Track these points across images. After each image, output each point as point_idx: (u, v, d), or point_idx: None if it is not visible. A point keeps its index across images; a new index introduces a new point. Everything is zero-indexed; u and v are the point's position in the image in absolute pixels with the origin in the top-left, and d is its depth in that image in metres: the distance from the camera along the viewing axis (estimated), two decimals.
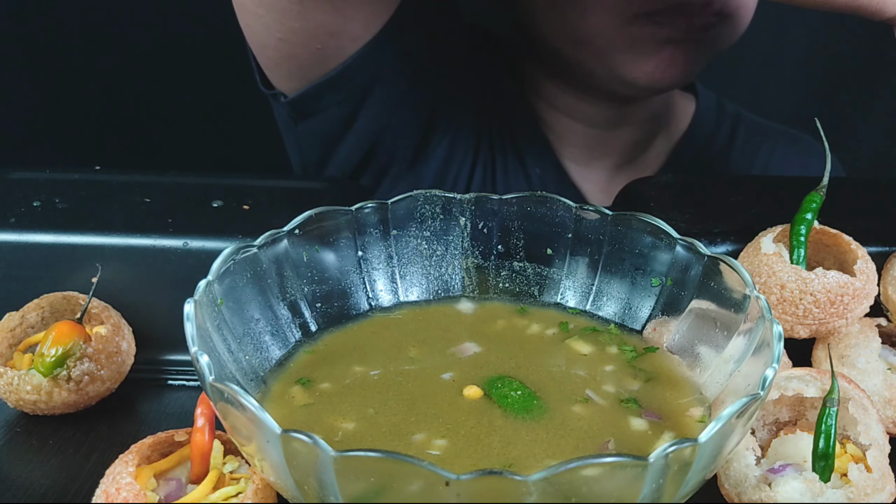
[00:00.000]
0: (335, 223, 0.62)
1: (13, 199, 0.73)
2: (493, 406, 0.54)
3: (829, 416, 0.51)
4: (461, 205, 0.65)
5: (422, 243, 0.65)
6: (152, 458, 0.53)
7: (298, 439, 0.41)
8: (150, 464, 0.53)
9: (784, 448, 0.54)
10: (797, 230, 0.64)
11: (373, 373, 0.57)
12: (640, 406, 0.54)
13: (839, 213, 0.68)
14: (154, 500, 0.50)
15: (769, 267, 0.62)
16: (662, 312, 0.61)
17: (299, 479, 0.44)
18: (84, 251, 0.68)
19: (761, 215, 0.68)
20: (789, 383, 0.56)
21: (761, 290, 0.62)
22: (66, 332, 0.62)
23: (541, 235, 0.65)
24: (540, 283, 0.65)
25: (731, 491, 0.53)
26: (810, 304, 0.61)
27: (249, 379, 0.55)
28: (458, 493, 0.40)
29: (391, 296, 0.64)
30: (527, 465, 0.49)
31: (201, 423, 0.51)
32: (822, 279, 0.60)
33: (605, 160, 1.08)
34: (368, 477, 0.42)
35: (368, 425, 0.52)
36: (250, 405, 0.43)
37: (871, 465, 0.52)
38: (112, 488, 0.49)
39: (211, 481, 0.51)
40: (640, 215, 0.62)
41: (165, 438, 0.54)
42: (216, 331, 0.53)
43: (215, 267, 0.54)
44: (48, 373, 0.61)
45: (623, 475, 0.42)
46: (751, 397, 0.45)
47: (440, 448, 0.50)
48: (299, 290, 0.60)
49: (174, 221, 0.70)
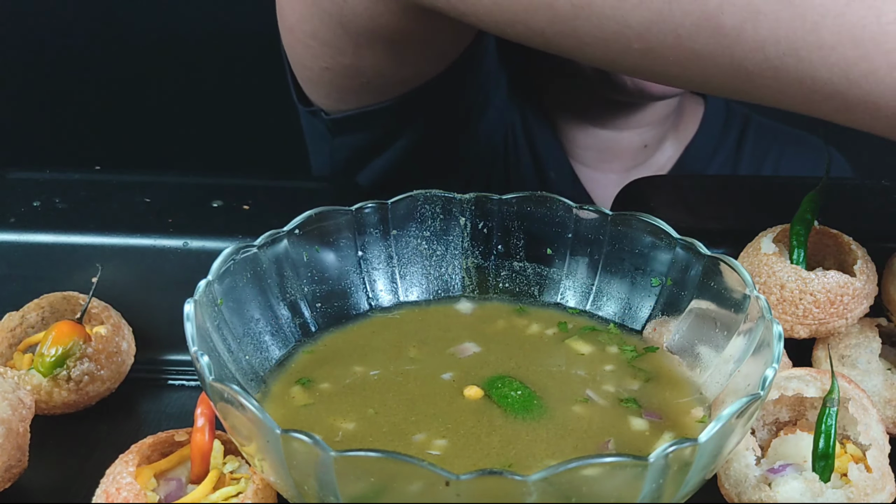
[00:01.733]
0: (335, 223, 0.62)
1: (13, 199, 0.73)
2: (493, 406, 0.54)
3: (829, 416, 0.51)
4: (461, 205, 0.65)
5: (422, 243, 0.65)
6: (152, 458, 0.53)
7: (298, 439, 0.41)
8: (150, 464, 0.53)
9: (784, 448, 0.54)
10: (797, 230, 0.64)
11: (373, 373, 0.57)
12: (640, 406, 0.54)
13: (839, 212, 0.68)
14: (154, 499, 0.50)
15: (769, 267, 0.62)
16: (662, 312, 0.61)
17: (299, 479, 0.44)
18: (84, 251, 0.68)
19: (761, 215, 0.68)
20: (789, 383, 0.56)
21: (761, 289, 0.61)
22: (66, 332, 0.62)
23: (541, 235, 0.65)
24: (540, 283, 0.65)
25: (731, 491, 0.53)
26: (810, 303, 0.61)
27: (249, 379, 0.55)
28: (458, 493, 0.40)
29: (391, 296, 0.64)
30: (527, 465, 0.49)
31: (201, 423, 0.51)
32: (821, 279, 0.60)
33: (615, 163, 1.07)
34: (368, 477, 0.42)
35: (368, 425, 0.52)
36: (250, 405, 0.43)
37: (871, 465, 0.52)
38: (112, 488, 0.49)
39: (211, 481, 0.51)
40: (640, 215, 0.62)
41: (166, 438, 0.54)
42: (216, 331, 0.53)
43: (215, 267, 0.54)
44: (48, 373, 0.61)
45: (623, 475, 0.42)
46: (751, 397, 0.45)
47: (440, 448, 0.50)
48: (299, 290, 0.60)
49: (174, 221, 0.70)
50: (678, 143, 1.11)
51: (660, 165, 1.10)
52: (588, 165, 1.07)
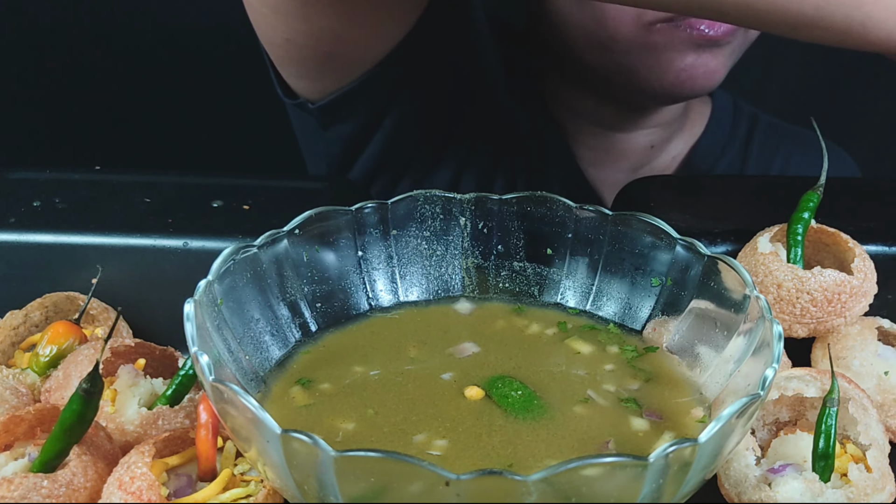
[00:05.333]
0: (335, 223, 0.62)
1: (13, 199, 0.73)
2: (494, 406, 0.54)
3: (829, 416, 0.51)
4: (461, 205, 0.65)
5: (422, 243, 0.65)
6: (164, 454, 0.53)
7: (298, 439, 0.41)
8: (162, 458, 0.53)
9: (784, 448, 0.54)
10: (794, 229, 0.64)
11: (373, 373, 0.57)
12: (641, 406, 0.54)
13: (839, 212, 0.68)
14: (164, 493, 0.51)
15: (765, 266, 0.62)
16: (662, 312, 0.61)
17: (300, 479, 0.44)
18: (84, 251, 0.68)
19: (761, 215, 0.68)
20: (789, 383, 0.56)
21: (758, 289, 0.61)
22: (62, 333, 0.63)
23: (541, 235, 0.65)
24: (540, 283, 0.65)
25: (731, 491, 0.53)
26: (807, 302, 0.61)
27: (249, 379, 0.55)
28: (459, 494, 0.40)
29: (391, 296, 0.64)
30: (527, 465, 0.49)
31: (204, 420, 0.51)
32: (818, 278, 0.60)
33: (621, 163, 1.07)
34: (369, 477, 0.42)
35: (369, 426, 0.52)
36: (250, 405, 0.43)
37: (871, 465, 0.52)
38: (126, 476, 0.49)
39: (222, 481, 0.51)
40: (640, 215, 0.62)
41: (181, 434, 0.54)
42: (216, 331, 0.53)
43: (215, 267, 0.54)
44: (42, 372, 0.62)
45: (623, 475, 0.42)
46: (751, 397, 0.45)
47: (441, 448, 0.50)
48: (299, 290, 0.60)
49: (174, 221, 0.70)
50: (685, 143, 1.11)
51: (666, 165, 1.10)
52: (594, 166, 1.07)
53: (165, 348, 0.62)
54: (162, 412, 0.56)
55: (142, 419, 0.56)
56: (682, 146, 1.11)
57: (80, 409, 0.50)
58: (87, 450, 0.51)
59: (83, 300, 0.67)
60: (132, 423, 0.56)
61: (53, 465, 0.51)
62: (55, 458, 0.51)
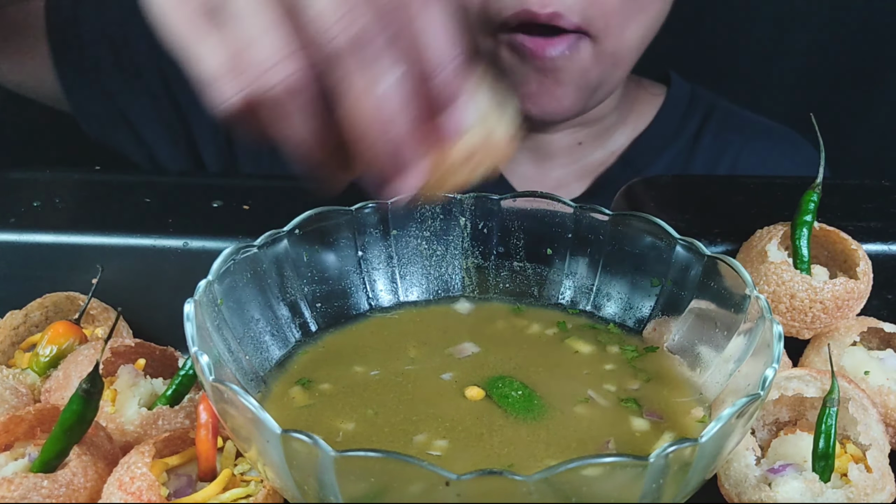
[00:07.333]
0: (335, 223, 0.62)
1: (13, 199, 0.73)
2: (494, 406, 0.54)
3: (829, 416, 0.51)
4: (461, 205, 0.65)
5: (422, 243, 0.65)
6: (164, 454, 0.53)
7: (298, 439, 0.41)
8: (162, 458, 0.53)
9: (784, 448, 0.54)
10: (798, 234, 0.63)
11: (373, 373, 0.57)
12: (641, 406, 0.54)
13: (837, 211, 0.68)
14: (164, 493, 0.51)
15: (777, 276, 0.62)
16: (662, 312, 0.61)
17: (300, 479, 0.44)
18: (84, 251, 0.68)
19: (761, 215, 0.68)
20: (789, 383, 0.56)
21: (770, 299, 0.61)
22: (62, 333, 0.63)
23: (541, 235, 0.65)
24: (540, 283, 0.65)
25: (731, 491, 0.53)
26: (819, 311, 0.61)
27: (249, 379, 0.55)
28: (459, 494, 0.40)
29: (391, 296, 0.64)
30: (527, 465, 0.49)
31: (204, 420, 0.52)
32: (831, 288, 0.61)
33: (552, 161, 1.05)
34: (369, 477, 0.42)
35: (369, 426, 0.52)
36: (250, 405, 0.43)
37: (871, 465, 0.52)
38: (126, 477, 0.49)
39: (222, 482, 0.51)
40: (640, 215, 0.62)
41: (181, 434, 0.54)
42: (216, 331, 0.53)
43: (215, 267, 0.54)
44: (42, 372, 0.62)
45: (623, 475, 0.42)
46: (751, 397, 0.45)
47: (441, 448, 0.50)
48: (299, 290, 0.60)
49: (174, 221, 0.70)
50: (626, 137, 1.07)
51: (602, 160, 1.06)
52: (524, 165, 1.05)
53: (165, 348, 0.62)
54: (162, 412, 0.56)
55: (142, 419, 0.56)
56: (623, 140, 1.07)
57: (80, 409, 0.50)
58: (87, 450, 0.51)
59: (83, 300, 0.67)
60: (132, 424, 0.56)
61: (53, 466, 0.51)
62: (55, 459, 0.51)
